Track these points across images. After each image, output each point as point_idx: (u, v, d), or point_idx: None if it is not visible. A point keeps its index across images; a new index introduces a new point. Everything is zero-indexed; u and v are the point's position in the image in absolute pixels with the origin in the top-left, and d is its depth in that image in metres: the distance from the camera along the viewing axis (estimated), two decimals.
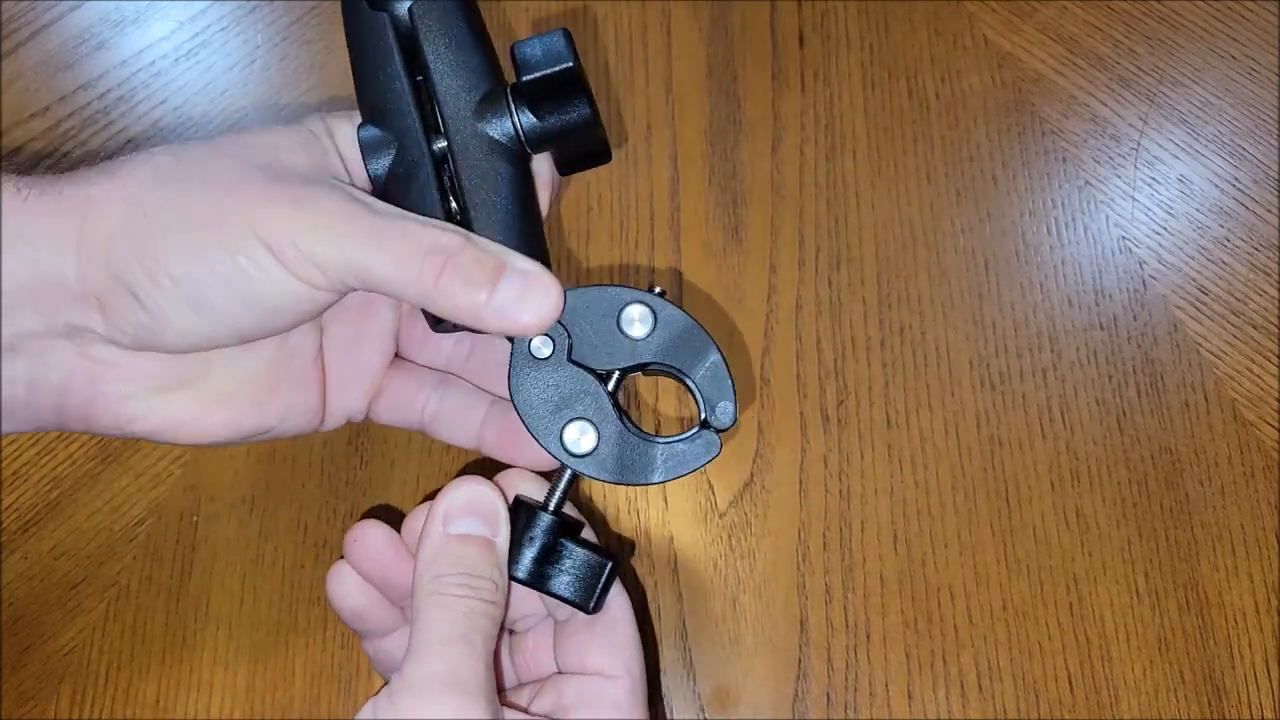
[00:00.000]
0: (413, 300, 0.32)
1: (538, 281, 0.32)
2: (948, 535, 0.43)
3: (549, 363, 0.34)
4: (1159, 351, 0.45)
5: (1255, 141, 0.48)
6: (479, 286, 0.31)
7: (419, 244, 0.31)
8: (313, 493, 0.44)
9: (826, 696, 0.41)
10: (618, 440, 0.34)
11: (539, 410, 0.34)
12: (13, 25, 0.50)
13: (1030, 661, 0.41)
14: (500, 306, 0.31)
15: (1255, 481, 0.43)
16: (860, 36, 0.50)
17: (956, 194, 0.47)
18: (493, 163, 0.33)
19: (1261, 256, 0.46)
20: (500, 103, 0.33)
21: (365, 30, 0.33)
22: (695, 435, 0.34)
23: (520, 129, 0.33)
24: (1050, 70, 0.49)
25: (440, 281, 0.31)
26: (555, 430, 0.34)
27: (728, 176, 0.48)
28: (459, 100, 0.33)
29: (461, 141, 0.33)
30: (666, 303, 0.34)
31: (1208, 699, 0.41)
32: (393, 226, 0.31)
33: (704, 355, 0.34)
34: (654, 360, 0.34)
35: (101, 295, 0.30)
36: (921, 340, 0.45)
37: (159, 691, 0.42)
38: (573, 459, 0.34)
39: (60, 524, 0.44)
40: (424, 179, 0.33)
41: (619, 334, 0.34)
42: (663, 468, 0.34)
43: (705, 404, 0.34)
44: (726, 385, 0.34)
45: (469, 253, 0.31)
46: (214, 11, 0.51)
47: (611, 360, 0.34)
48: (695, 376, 0.34)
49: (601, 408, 0.34)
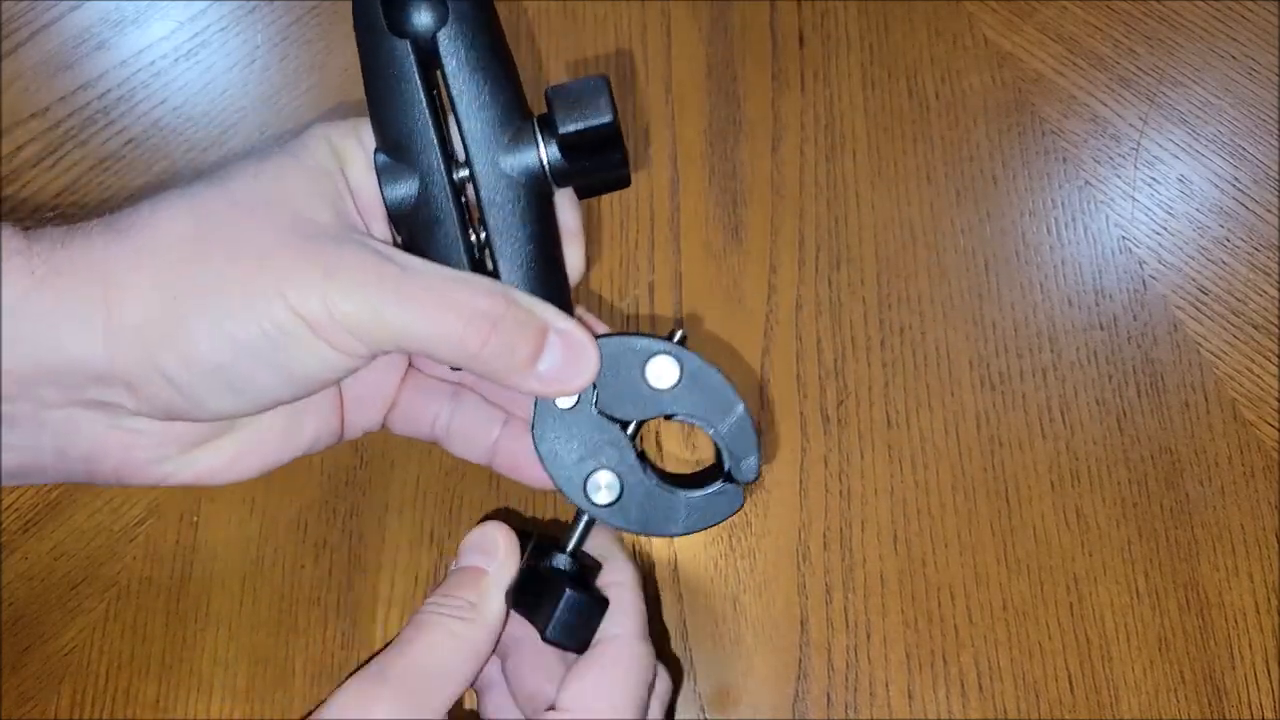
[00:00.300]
0: (454, 364, 0.31)
1: (577, 347, 0.32)
2: (948, 535, 0.43)
3: (573, 412, 0.33)
4: (1159, 351, 0.45)
5: (1255, 141, 0.48)
6: (524, 357, 0.31)
7: (462, 310, 0.30)
8: (313, 493, 0.44)
9: (826, 696, 0.41)
10: (641, 491, 0.34)
11: (563, 460, 0.34)
12: (13, 25, 0.50)
13: (1030, 661, 0.41)
14: (543, 375, 0.31)
15: (1255, 481, 0.43)
16: (860, 36, 0.50)
17: (956, 194, 0.47)
18: (518, 196, 0.32)
19: (1261, 256, 0.46)
20: (528, 136, 0.32)
21: (386, 58, 0.31)
22: (719, 489, 0.34)
23: (547, 164, 0.32)
24: (1050, 70, 0.49)
25: (484, 350, 0.30)
26: (579, 481, 0.34)
27: (728, 176, 0.48)
28: (484, 131, 0.32)
29: (486, 173, 0.32)
30: (693, 355, 0.34)
31: (1208, 699, 0.41)
32: (432, 290, 0.30)
33: (730, 409, 0.34)
34: (678, 412, 0.34)
35: (132, 380, 0.29)
36: (921, 340, 0.45)
37: (159, 691, 0.42)
38: (595, 508, 0.34)
39: (60, 524, 0.44)
40: (446, 210, 0.32)
41: (644, 385, 0.33)
42: (685, 520, 0.34)
43: (730, 457, 0.34)
44: (751, 440, 0.34)
45: (511, 316, 0.31)
46: (214, 11, 0.51)
47: (636, 411, 0.34)
48: (721, 430, 0.34)
49: (625, 458, 0.34)
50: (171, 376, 0.29)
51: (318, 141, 0.32)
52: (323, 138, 0.32)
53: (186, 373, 0.29)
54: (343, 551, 0.43)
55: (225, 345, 0.29)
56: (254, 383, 0.30)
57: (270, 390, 0.30)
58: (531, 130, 0.32)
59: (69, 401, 0.30)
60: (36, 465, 0.31)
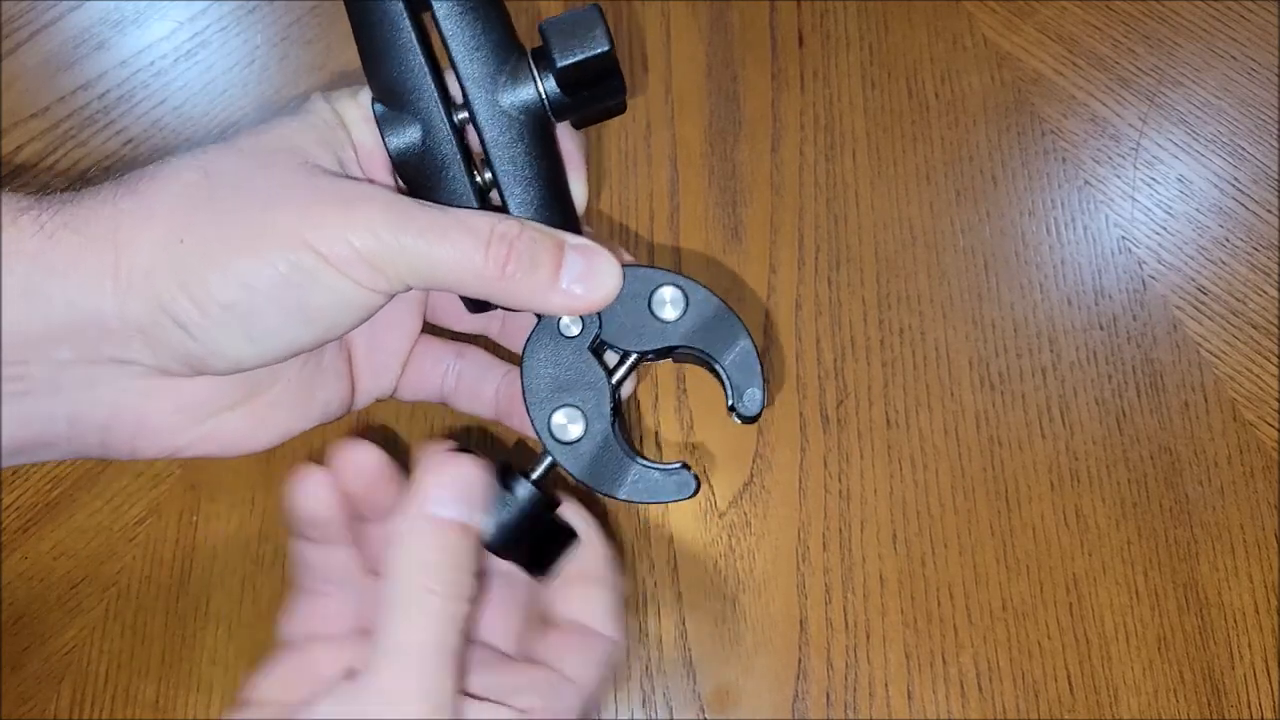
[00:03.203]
0: (476, 293, 0.31)
1: (598, 258, 0.32)
2: (947, 535, 0.43)
3: (570, 343, 0.33)
4: (1159, 351, 0.45)
5: (1255, 141, 0.48)
6: (546, 272, 0.31)
7: (479, 234, 0.30)
8: None
9: (826, 696, 0.41)
10: (601, 442, 0.33)
11: (541, 384, 0.33)
12: (13, 25, 0.50)
13: (1030, 661, 0.41)
14: (568, 290, 0.31)
15: (1255, 481, 0.43)
16: (860, 36, 0.50)
17: (956, 194, 0.47)
18: (520, 132, 0.32)
19: (1261, 256, 0.46)
20: (524, 71, 0.32)
21: (376, 7, 0.32)
22: (675, 469, 0.33)
23: (546, 98, 0.32)
24: (1050, 70, 0.49)
25: (506, 271, 0.30)
26: (548, 409, 0.33)
27: (727, 176, 0.48)
28: (481, 70, 0.32)
29: (486, 112, 0.32)
30: (699, 285, 0.33)
31: (1207, 699, 0.41)
32: (447, 219, 0.30)
33: (734, 341, 0.33)
34: (683, 344, 0.34)
35: (146, 329, 0.29)
36: (921, 340, 0.45)
37: (159, 691, 0.42)
38: (552, 441, 0.33)
39: (60, 524, 0.44)
40: (450, 154, 0.32)
41: (650, 316, 0.33)
42: (631, 486, 0.33)
43: (733, 390, 0.33)
44: (755, 372, 0.33)
45: (527, 236, 0.31)
46: (214, 11, 0.51)
47: (640, 342, 0.33)
48: (724, 362, 0.33)
49: (600, 405, 0.33)
50: (184, 321, 0.29)
51: (317, 102, 0.33)
52: (321, 98, 0.33)
53: (200, 316, 0.29)
54: None
55: (238, 285, 0.29)
56: (270, 325, 0.30)
57: (287, 334, 0.30)
58: (527, 65, 0.32)
59: (84, 360, 0.29)
60: (49, 437, 0.31)
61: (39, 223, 0.28)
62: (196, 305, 0.29)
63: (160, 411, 0.31)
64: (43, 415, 0.30)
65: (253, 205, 0.29)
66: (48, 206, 0.29)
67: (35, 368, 0.29)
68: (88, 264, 0.28)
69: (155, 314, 0.29)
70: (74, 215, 0.29)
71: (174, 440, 0.32)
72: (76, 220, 0.29)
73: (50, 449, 0.31)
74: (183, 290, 0.29)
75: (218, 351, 0.30)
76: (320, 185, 0.30)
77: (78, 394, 0.30)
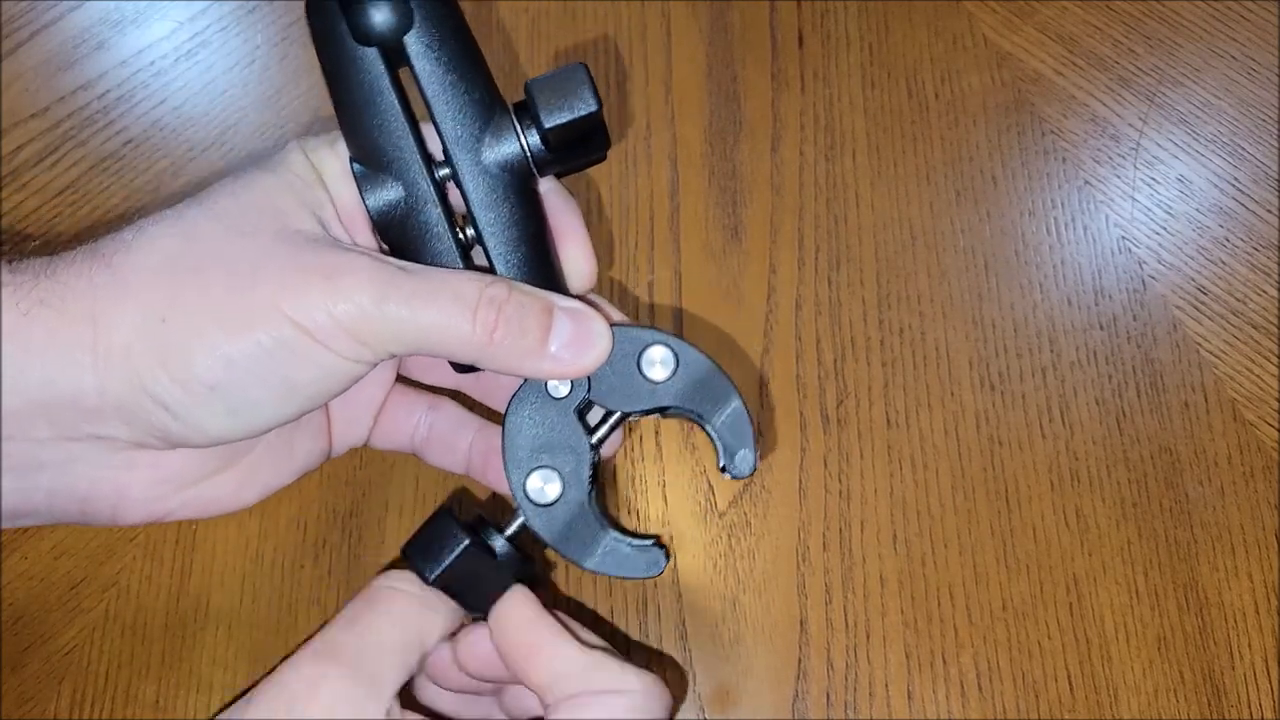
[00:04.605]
0: (463, 359, 0.31)
1: (587, 322, 0.31)
2: (948, 535, 0.43)
3: (556, 404, 0.33)
4: (1159, 351, 0.45)
5: (1255, 141, 0.48)
6: (534, 338, 0.30)
7: (467, 300, 0.29)
8: (313, 493, 0.44)
9: (826, 696, 0.41)
10: (576, 509, 0.33)
11: (521, 444, 0.33)
12: (13, 25, 0.50)
13: (1030, 661, 0.41)
14: (556, 354, 0.31)
15: (1255, 481, 0.43)
16: (860, 36, 0.50)
17: (956, 194, 0.47)
18: (504, 189, 0.32)
19: (1261, 256, 0.46)
20: (506, 127, 0.31)
21: (354, 68, 0.30)
22: (647, 546, 0.33)
23: (530, 153, 0.32)
24: (1050, 70, 0.49)
25: (494, 338, 0.30)
26: (525, 469, 0.33)
27: (727, 176, 0.48)
28: (463, 128, 0.31)
29: (469, 170, 0.31)
30: (690, 346, 0.33)
31: (1207, 699, 0.41)
32: (433, 284, 0.29)
33: (725, 402, 0.33)
34: (673, 405, 0.33)
35: (125, 407, 0.28)
36: (921, 340, 0.45)
37: (159, 691, 0.42)
38: (527, 503, 0.33)
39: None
40: (433, 213, 0.31)
41: (639, 376, 0.33)
42: (600, 558, 0.33)
43: (725, 451, 0.33)
44: (747, 433, 0.33)
45: (515, 300, 0.30)
46: (214, 11, 0.51)
47: (629, 403, 0.33)
48: (715, 423, 0.33)
49: (579, 471, 0.33)
50: (165, 401, 0.28)
51: (294, 154, 0.32)
52: (298, 149, 0.32)
53: (182, 395, 0.28)
54: (343, 551, 0.43)
55: (220, 365, 0.28)
56: (252, 400, 0.29)
57: (269, 407, 0.30)
58: (510, 121, 0.32)
59: (63, 438, 0.29)
60: (28, 507, 0.30)
61: (15, 298, 0.28)
62: (179, 385, 0.28)
63: (140, 483, 0.31)
64: (20, 489, 0.30)
65: (233, 279, 0.28)
66: (22, 281, 0.28)
67: (16, 444, 0.29)
68: (66, 341, 0.28)
69: (136, 393, 0.28)
70: (49, 291, 0.28)
71: (155, 508, 0.32)
72: (53, 296, 0.28)
73: (33, 516, 0.31)
74: (164, 369, 0.28)
75: (200, 429, 0.29)
76: (302, 256, 0.29)
77: (56, 470, 0.30)
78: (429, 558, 0.32)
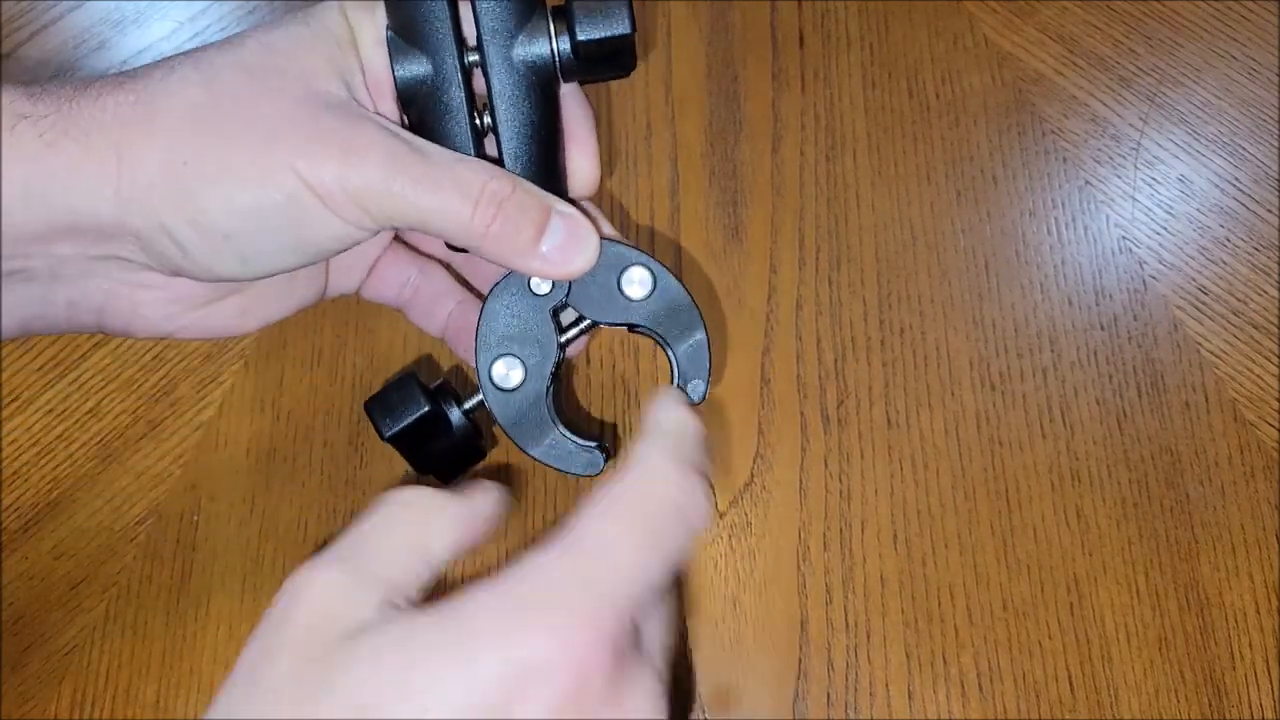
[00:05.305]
0: (459, 244, 0.32)
1: (579, 229, 0.33)
2: (948, 535, 0.43)
3: (535, 300, 0.35)
4: (1159, 351, 0.45)
5: (1255, 141, 0.48)
6: (528, 236, 0.32)
7: (470, 190, 0.31)
8: (313, 493, 0.44)
9: (826, 696, 0.41)
10: (532, 398, 0.35)
11: (494, 330, 0.35)
12: (13, 25, 0.50)
13: (1030, 661, 0.41)
14: (546, 255, 0.32)
15: (1255, 481, 0.43)
16: (860, 36, 0.50)
17: (956, 194, 0.47)
18: (527, 87, 0.33)
19: (1262, 256, 0.46)
20: (541, 29, 0.32)
21: None
22: (590, 448, 0.35)
23: (558, 58, 0.33)
24: (1050, 70, 0.49)
25: (490, 230, 0.31)
26: (493, 353, 0.35)
27: (728, 176, 0.48)
28: (501, 19, 0.32)
29: (498, 62, 0.32)
30: (670, 273, 0.35)
31: (1208, 699, 0.41)
32: (441, 169, 0.31)
33: (691, 331, 0.35)
34: (642, 324, 0.35)
35: (142, 235, 0.30)
36: (921, 340, 0.45)
37: (159, 691, 0.42)
38: (488, 384, 0.34)
39: (60, 524, 0.44)
40: (455, 96, 0.32)
41: (617, 291, 0.34)
42: (545, 448, 0.35)
43: (680, 376, 0.35)
44: (704, 364, 0.35)
45: (517, 198, 0.32)
46: (214, 11, 0.51)
47: (602, 314, 0.35)
48: (677, 349, 0.35)
49: (543, 365, 0.35)
50: (180, 240, 0.30)
51: (333, 14, 0.32)
52: (339, 10, 0.33)
53: (196, 238, 0.30)
54: None
55: (235, 214, 0.30)
56: (261, 251, 0.31)
57: (276, 258, 0.31)
58: (545, 23, 0.32)
59: (82, 255, 0.30)
60: (48, 317, 0.32)
61: (38, 129, 0.29)
62: (195, 229, 0.30)
63: (154, 301, 0.33)
64: (41, 298, 0.31)
65: (255, 135, 0.30)
66: (44, 113, 0.29)
67: (35, 260, 0.30)
68: (89, 172, 0.29)
69: (153, 229, 0.30)
70: (74, 122, 0.29)
71: (166, 325, 0.34)
72: (77, 128, 0.29)
73: (52, 326, 0.33)
74: (181, 213, 0.30)
75: (209, 270, 0.31)
76: (320, 121, 0.30)
77: (76, 281, 0.31)
78: (388, 415, 0.35)
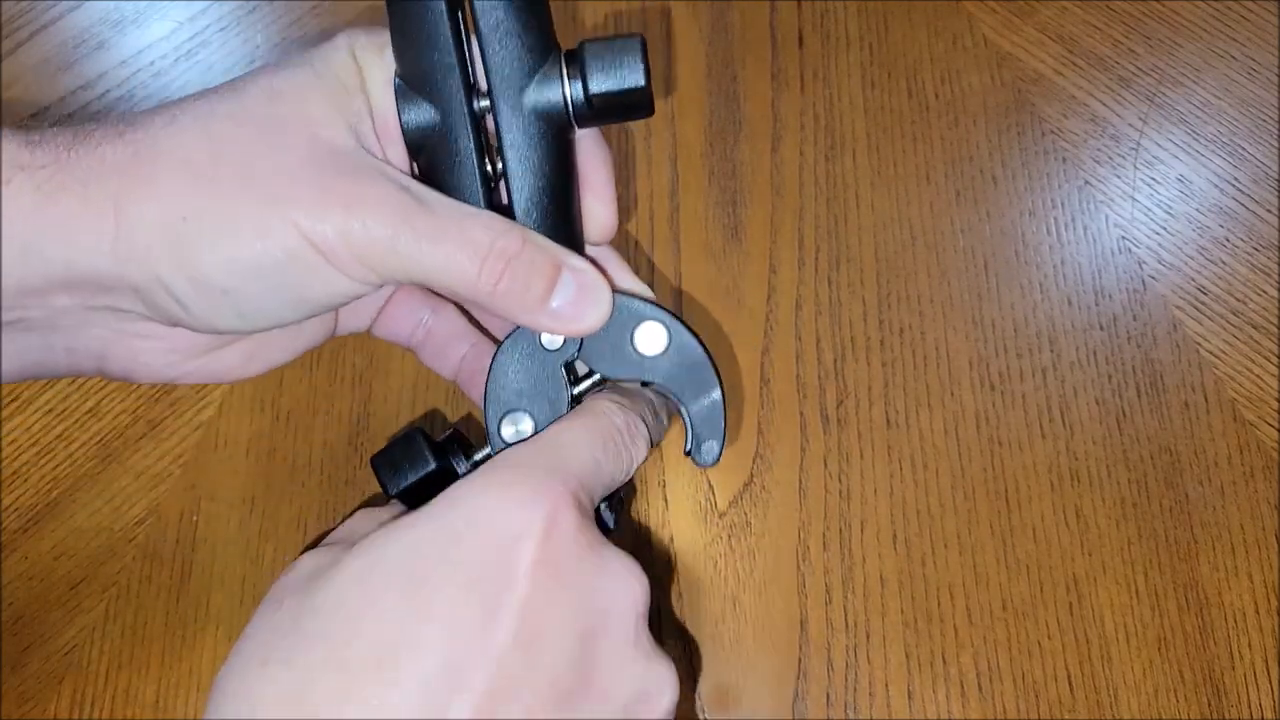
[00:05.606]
0: (466, 301, 0.32)
1: (591, 287, 0.32)
2: (948, 535, 0.43)
3: (545, 355, 0.34)
4: (1159, 351, 0.45)
5: (1255, 141, 0.48)
6: (537, 294, 0.31)
7: (478, 247, 0.30)
8: (313, 493, 0.44)
9: (826, 696, 0.41)
10: None
11: (503, 384, 0.34)
12: (13, 25, 0.50)
13: (1030, 661, 0.41)
14: (556, 312, 0.32)
15: (1255, 481, 0.43)
16: (860, 36, 0.50)
17: (956, 194, 0.47)
18: (539, 134, 0.32)
19: (1261, 256, 0.46)
20: (554, 73, 0.31)
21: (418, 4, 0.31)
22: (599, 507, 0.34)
23: (571, 105, 0.32)
24: (1050, 70, 0.49)
25: (498, 287, 0.31)
26: (502, 408, 0.34)
27: (728, 176, 0.48)
28: (511, 65, 0.31)
29: (507, 108, 0.31)
30: (686, 330, 0.34)
31: (1208, 699, 0.41)
32: (447, 225, 0.30)
33: (706, 391, 0.34)
34: (657, 381, 0.34)
35: (140, 289, 0.29)
36: (921, 340, 0.45)
37: (159, 691, 0.42)
38: (498, 439, 0.34)
39: (60, 524, 0.44)
40: (464, 144, 0.32)
41: (630, 346, 0.34)
42: None
43: (694, 437, 0.34)
44: (719, 427, 0.34)
45: (526, 255, 0.31)
46: (214, 11, 0.51)
47: (615, 370, 0.34)
48: (691, 408, 0.34)
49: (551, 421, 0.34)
50: (178, 296, 0.29)
51: (341, 55, 0.32)
52: (347, 50, 0.32)
53: (194, 294, 0.29)
54: None
55: (235, 272, 0.29)
56: (261, 308, 0.30)
57: (277, 313, 0.31)
58: (558, 67, 0.31)
59: (80, 306, 0.30)
60: (49, 363, 0.32)
61: (35, 181, 0.28)
62: (193, 286, 0.29)
63: (154, 350, 0.33)
64: (40, 347, 0.31)
65: (255, 191, 0.29)
66: (42, 163, 0.29)
67: (33, 311, 0.30)
68: (87, 226, 0.29)
69: (151, 284, 0.29)
70: (71, 174, 0.29)
71: (168, 372, 0.33)
72: (75, 180, 0.29)
73: (50, 372, 0.32)
74: (180, 270, 0.29)
75: (207, 323, 0.31)
76: (325, 175, 0.30)
77: (74, 331, 0.31)
78: (395, 472, 0.34)
